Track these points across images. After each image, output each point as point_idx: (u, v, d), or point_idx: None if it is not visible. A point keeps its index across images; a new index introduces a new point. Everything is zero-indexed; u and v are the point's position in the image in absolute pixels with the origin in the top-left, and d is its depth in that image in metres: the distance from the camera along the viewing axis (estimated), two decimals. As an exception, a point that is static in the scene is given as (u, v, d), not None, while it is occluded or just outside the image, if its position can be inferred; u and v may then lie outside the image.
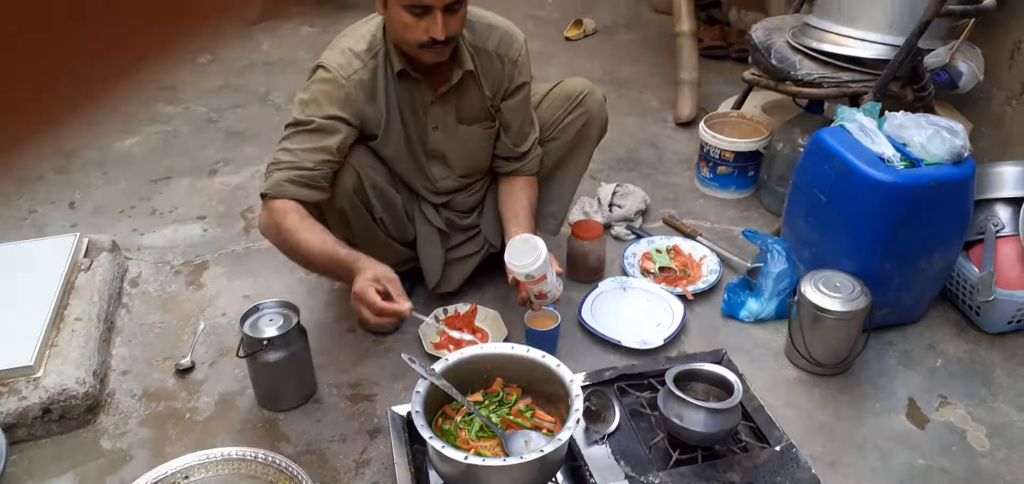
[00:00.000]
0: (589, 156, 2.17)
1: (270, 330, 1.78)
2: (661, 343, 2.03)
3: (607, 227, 2.53)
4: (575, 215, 2.57)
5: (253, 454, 1.60)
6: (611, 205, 2.61)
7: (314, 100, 1.81)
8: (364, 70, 1.83)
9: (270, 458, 1.58)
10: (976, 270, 2.07)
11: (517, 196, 2.03)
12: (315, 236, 1.75)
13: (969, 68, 2.31)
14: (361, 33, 1.88)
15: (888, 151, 1.91)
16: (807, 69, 2.41)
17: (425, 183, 2.06)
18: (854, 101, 2.35)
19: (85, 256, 2.26)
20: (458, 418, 1.55)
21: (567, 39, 4.31)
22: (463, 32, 1.85)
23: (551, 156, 2.12)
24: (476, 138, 2.02)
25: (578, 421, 1.41)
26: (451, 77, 1.89)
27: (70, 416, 1.81)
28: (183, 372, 1.99)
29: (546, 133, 2.09)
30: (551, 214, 2.21)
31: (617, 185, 2.68)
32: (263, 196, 1.79)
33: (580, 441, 1.61)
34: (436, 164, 2.04)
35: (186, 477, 1.58)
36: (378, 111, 1.87)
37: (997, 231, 2.09)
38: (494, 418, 1.56)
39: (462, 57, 1.89)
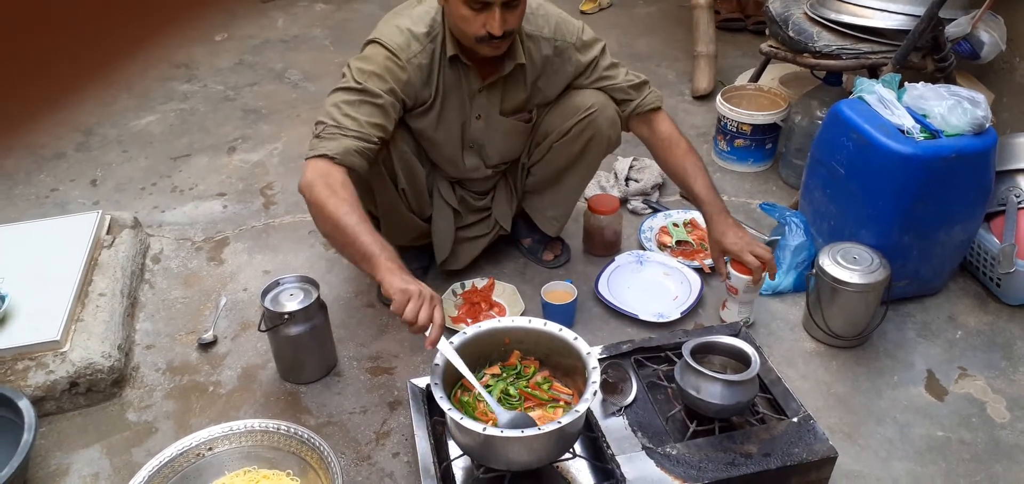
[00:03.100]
0: (594, 168, 2.14)
1: (291, 305, 1.81)
2: (678, 316, 2.04)
3: (624, 201, 2.53)
4: (591, 190, 2.57)
5: (276, 426, 1.62)
6: (628, 179, 2.60)
7: (379, 74, 1.76)
8: (423, 54, 1.82)
9: (292, 430, 1.60)
10: (997, 242, 2.05)
11: (683, 165, 2.01)
12: (361, 221, 1.63)
13: (991, 38, 2.27)
14: (420, 13, 1.85)
15: (908, 122, 1.89)
16: (825, 40, 2.38)
17: (454, 171, 2.06)
18: (873, 72, 2.32)
19: (107, 233, 2.29)
20: (476, 390, 1.57)
21: (582, 13, 4.28)
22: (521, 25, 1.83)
23: (557, 160, 2.08)
24: (515, 131, 2.02)
25: (595, 393, 1.42)
26: (503, 68, 1.88)
27: (96, 389, 1.85)
28: (206, 346, 2.02)
29: (552, 141, 2.05)
30: (554, 217, 2.20)
31: (633, 159, 2.68)
32: (322, 156, 1.69)
33: (597, 413, 1.62)
34: (471, 155, 2.03)
35: (210, 448, 1.61)
36: (429, 93, 1.87)
37: (1019, 202, 2.07)
38: (512, 390, 1.57)
39: (515, 49, 1.87)
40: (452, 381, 1.57)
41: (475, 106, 1.94)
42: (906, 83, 2.02)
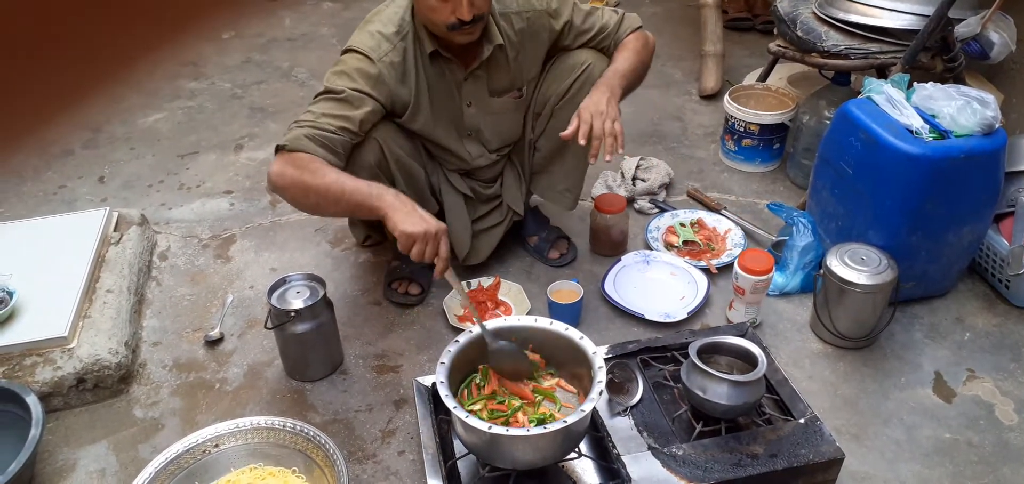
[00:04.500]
0: None
1: (297, 302, 1.81)
2: (684, 316, 2.04)
3: (630, 201, 2.52)
4: (598, 189, 2.57)
5: (281, 423, 1.62)
6: (634, 178, 2.60)
7: (346, 73, 1.80)
8: (394, 52, 1.83)
9: (298, 427, 1.61)
10: (1006, 243, 2.04)
11: (616, 53, 2.01)
12: (344, 175, 1.71)
13: (1001, 38, 2.26)
14: (388, 15, 1.87)
15: (916, 123, 1.88)
16: (834, 40, 2.37)
17: (461, 163, 2.07)
18: (882, 72, 2.31)
19: (115, 230, 2.30)
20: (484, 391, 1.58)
21: (590, 12, 4.27)
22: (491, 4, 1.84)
23: (561, 125, 2.06)
24: (508, 109, 2.03)
25: (601, 393, 1.42)
26: (482, 52, 1.89)
27: (103, 385, 1.85)
28: (212, 343, 2.03)
29: (552, 105, 2.05)
30: (566, 189, 2.19)
31: (640, 158, 2.67)
32: (279, 149, 1.74)
33: (603, 413, 1.62)
34: (472, 143, 2.05)
35: (216, 445, 1.61)
36: (408, 91, 1.88)
37: (1028, 204, 2.06)
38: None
39: (491, 32, 1.88)
40: (458, 380, 1.57)
41: (464, 95, 1.96)
42: (915, 83, 2.01)
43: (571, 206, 2.22)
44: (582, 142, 1.82)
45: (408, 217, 1.64)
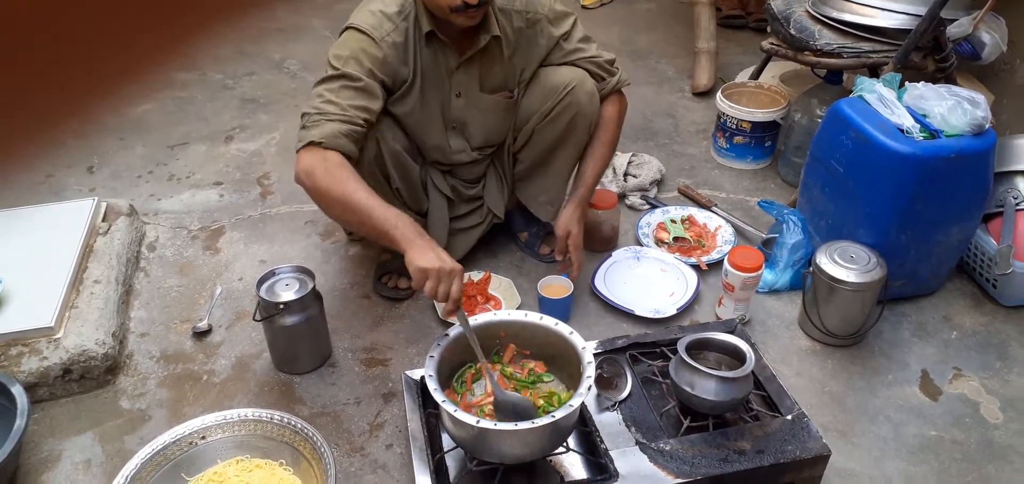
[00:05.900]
0: (580, 146, 2.08)
1: (286, 294, 1.80)
2: (674, 312, 2.04)
3: (622, 196, 2.53)
4: (589, 184, 2.56)
5: (269, 415, 1.62)
6: (626, 174, 2.60)
7: (355, 57, 1.78)
8: (397, 32, 1.83)
9: (286, 420, 1.60)
10: (994, 243, 2.05)
11: (592, 146, 2.07)
12: (373, 196, 1.68)
13: (992, 38, 2.27)
14: None
15: (907, 122, 1.88)
16: (826, 39, 2.38)
17: (442, 156, 2.06)
18: (874, 72, 2.32)
19: (103, 220, 2.28)
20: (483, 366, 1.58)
21: (584, 7, 4.27)
22: None
23: (542, 142, 2.06)
24: (497, 108, 2.01)
25: (590, 388, 1.42)
26: (478, 41, 1.88)
27: (90, 376, 1.84)
28: (200, 335, 2.02)
29: (534, 124, 2.04)
30: (548, 201, 2.18)
31: (632, 154, 2.67)
32: (312, 144, 1.70)
33: (591, 408, 1.62)
34: (455, 136, 2.03)
35: (203, 437, 1.60)
36: (408, 72, 1.87)
37: (1017, 204, 2.07)
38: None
39: (489, 22, 1.87)
40: (447, 374, 1.57)
41: (454, 83, 1.94)
42: (906, 83, 2.02)
43: (552, 218, 2.20)
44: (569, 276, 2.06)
45: (423, 253, 1.61)
